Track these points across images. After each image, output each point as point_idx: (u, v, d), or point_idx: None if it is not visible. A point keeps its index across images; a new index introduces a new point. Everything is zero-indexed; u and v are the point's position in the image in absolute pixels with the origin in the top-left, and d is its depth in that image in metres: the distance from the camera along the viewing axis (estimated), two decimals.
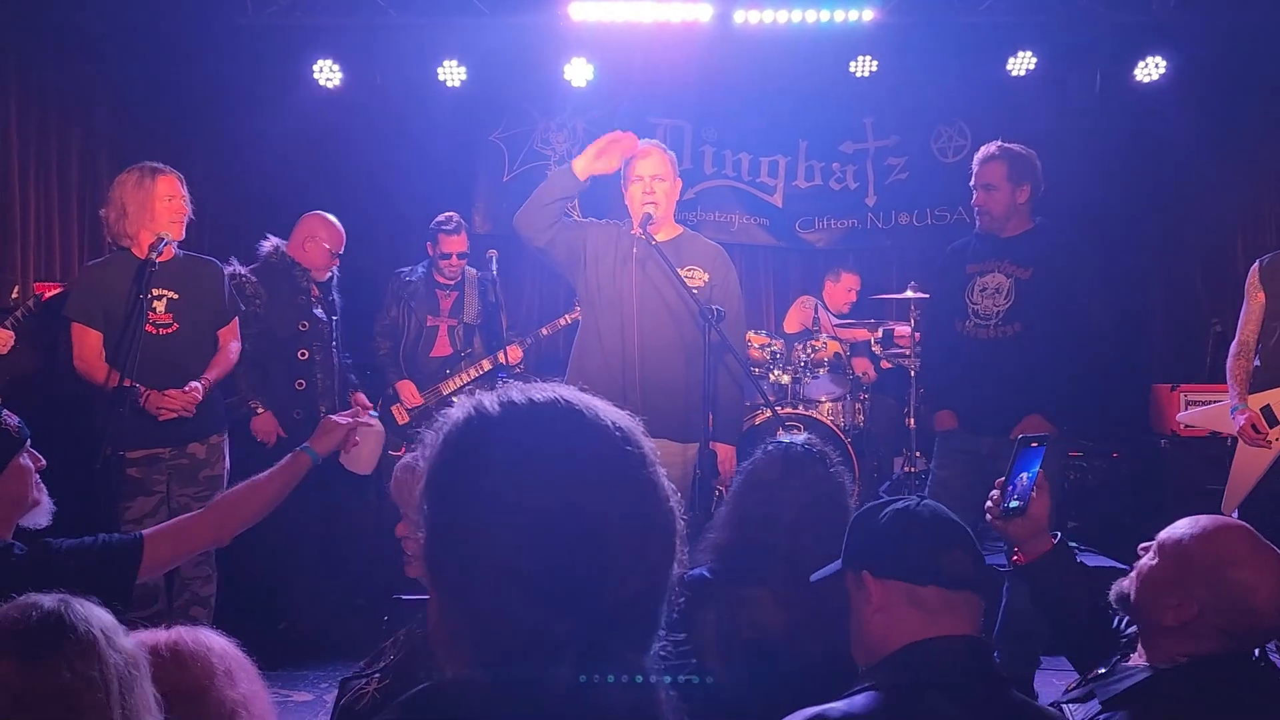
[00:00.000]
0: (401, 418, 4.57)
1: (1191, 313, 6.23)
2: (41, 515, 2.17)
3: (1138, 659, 1.76)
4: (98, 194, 4.81)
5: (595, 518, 0.81)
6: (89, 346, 3.55)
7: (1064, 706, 1.70)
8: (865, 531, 1.63)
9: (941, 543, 1.55)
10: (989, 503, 2.01)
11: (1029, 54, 5.97)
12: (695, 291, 3.44)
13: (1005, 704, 1.48)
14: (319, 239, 4.39)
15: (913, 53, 6.07)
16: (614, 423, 0.87)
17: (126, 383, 3.28)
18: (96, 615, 1.34)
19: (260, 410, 4.19)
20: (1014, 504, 1.96)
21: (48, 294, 3.91)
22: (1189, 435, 5.24)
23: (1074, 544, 5.10)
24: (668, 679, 0.86)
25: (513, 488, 0.81)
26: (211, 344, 3.75)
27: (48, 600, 1.34)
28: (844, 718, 1.41)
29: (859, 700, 1.45)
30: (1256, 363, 4.05)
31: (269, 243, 4.46)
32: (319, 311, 4.38)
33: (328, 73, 5.96)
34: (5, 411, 2.11)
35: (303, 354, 4.28)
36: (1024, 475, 1.96)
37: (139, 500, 3.53)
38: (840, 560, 1.67)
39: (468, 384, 4.63)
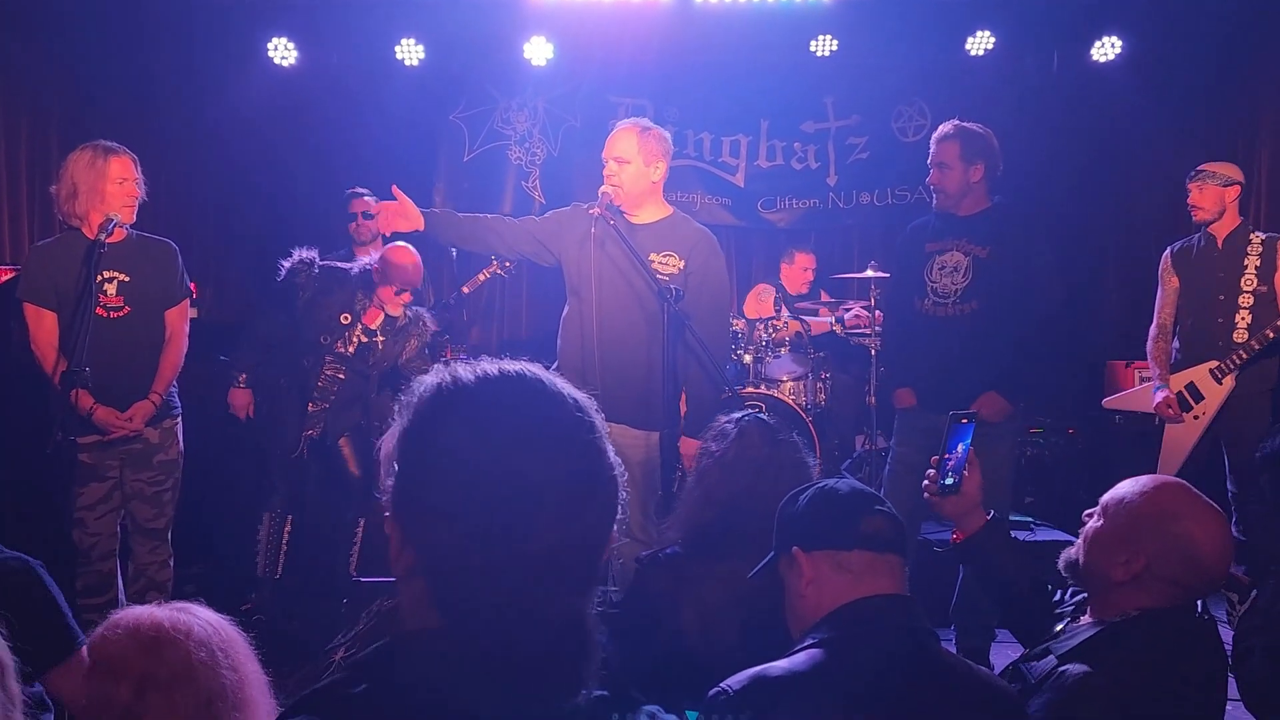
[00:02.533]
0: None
1: (1145, 290, 6.31)
2: None
3: (1087, 620, 1.82)
4: (48, 176, 4.72)
5: (541, 474, 0.89)
6: (44, 329, 3.48)
7: (1022, 666, 1.75)
8: (790, 515, 1.71)
9: (861, 509, 1.63)
10: (925, 481, 2.06)
11: (987, 33, 6.01)
12: (667, 278, 3.35)
13: (933, 657, 1.57)
14: (389, 276, 4.17)
15: (873, 32, 6.09)
16: (569, 394, 0.96)
17: (80, 370, 3.21)
18: None
19: (241, 383, 4.21)
20: (949, 481, 2.00)
21: (4, 277, 3.82)
22: (1142, 411, 5.33)
23: (1030, 519, 5.21)
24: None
25: (470, 443, 0.89)
26: (162, 327, 3.67)
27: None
28: (784, 674, 1.48)
29: (799, 658, 1.52)
30: (1175, 344, 4.31)
31: (366, 258, 4.35)
32: (363, 340, 4.23)
33: (283, 51, 5.88)
34: None
35: (329, 370, 4.18)
36: (959, 451, 2.00)
37: (91, 486, 3.48)
38: (773, 550, 1.73)
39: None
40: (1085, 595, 1.89)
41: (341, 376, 4.20)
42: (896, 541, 1.63)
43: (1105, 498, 1.83)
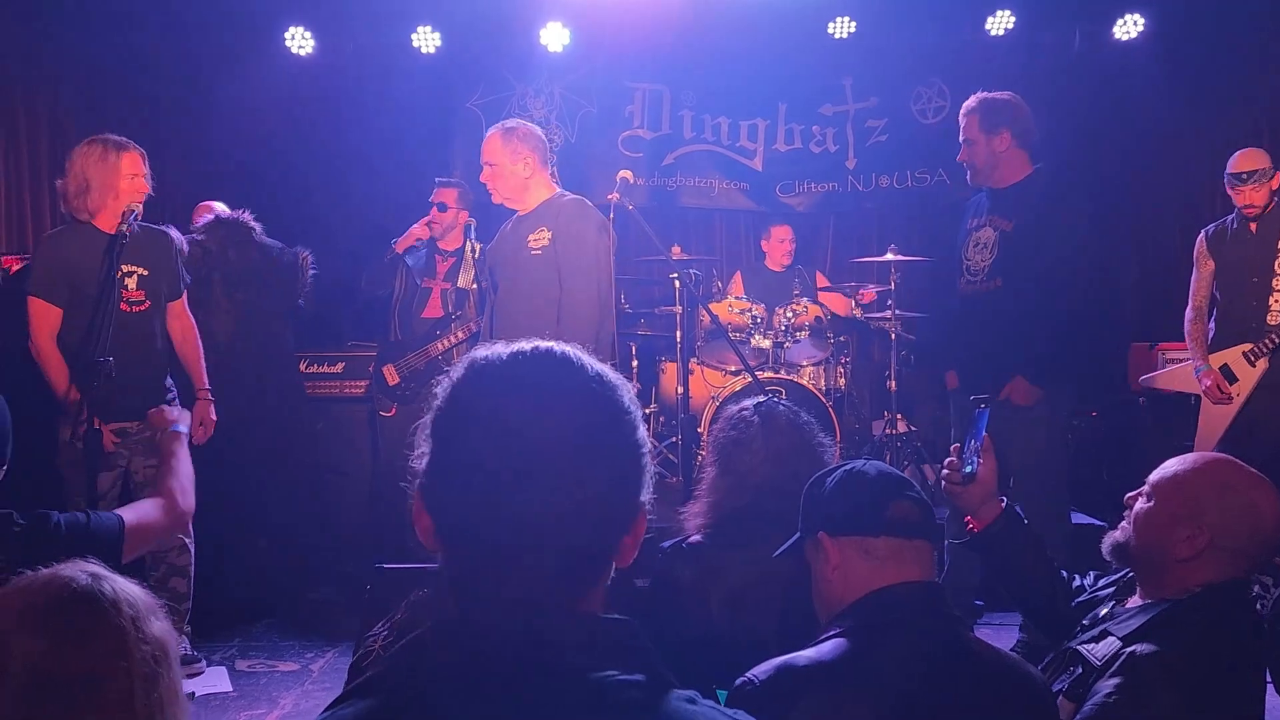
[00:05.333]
0: (392, 378, 4.57)
1: (1167, 272, 6.26)
2: None
3: (1137, 600, 1.81)
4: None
5: (554, 436, 0.90)
6: (48, 324, 3.48)
7: (1080, 649, 1.74)
8: (816, 498, 1.68)
9: (888, 495, 1.61)
10: (945, 470, 2.03)
11: (1007, 13, 5.94)
12: (539, 251, 3.51)
13: (961, 644, 1.55)
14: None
15: (891, 13, 6.03)
16: (594, 368, 0.96)
17: (103, 360, 3.23)
18: (128, 598, 1.28)
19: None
20: (969, 469, 1.97)
21: (15, 267, 3.85)
22: (1168, 392, 5.29)
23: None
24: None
25: (489, 405, 0.92)
26: (165, 319, 3.71)
27: (80, 576, 1.28)
28: (810, 664, 1.47)
29: (825, 647, 1.51)
30: (1211, 326, 4.26)
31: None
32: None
33: (300, 40, 5.88)
34: None
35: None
36: (976, 437, 1.98)
37: (104, 474, 3.51)
38: (798, 532, 1.71)
39: (455, 345, 4.63)
40: (1118, 578, 1.88)
41: None
42: (925, 527, 1.61)
43: (1153, 477, 1.82)
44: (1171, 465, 1.81)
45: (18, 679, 1.20)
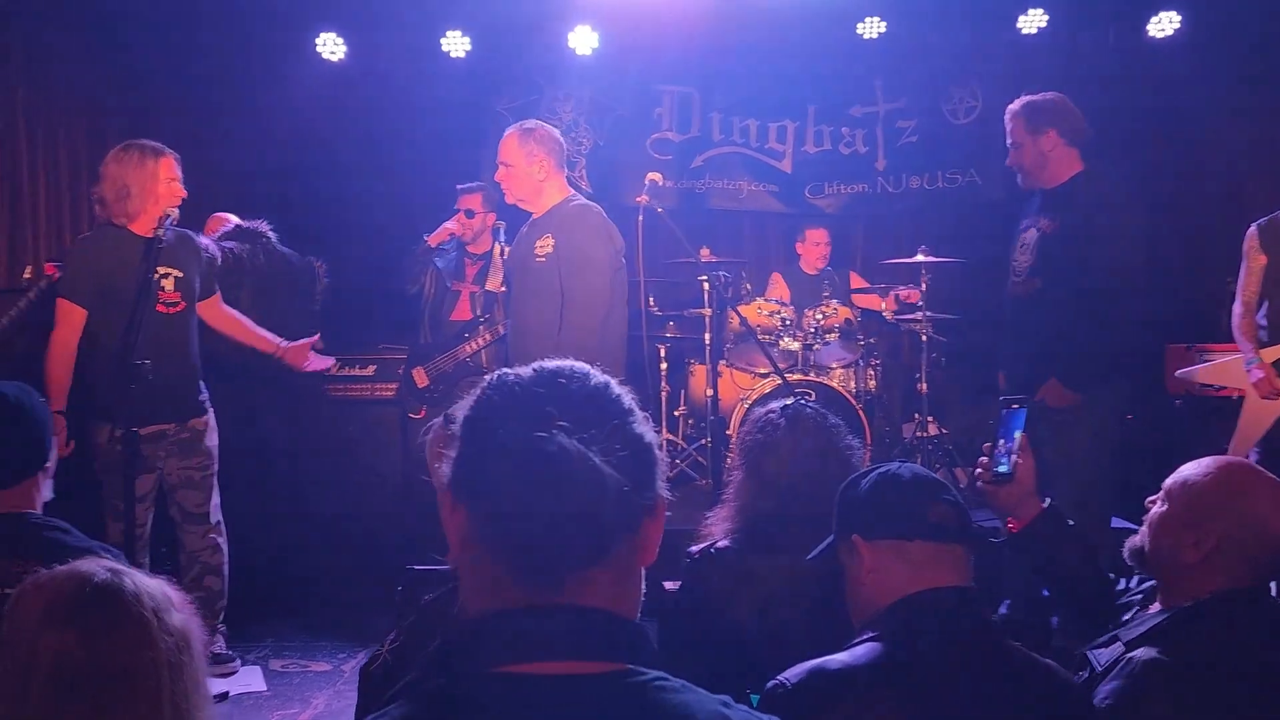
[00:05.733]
0: (421, 381, 4.61)
1: (1205, 272, 6.17)
2: (48, 489, 2.23)
3: (1156, 607, 1.79)
4: None
5: (565, 444, 0.93)
6: (71, 325, 3.52)
7: (1089, 654, 1.72)
8: (851, 500, 1.67)
9: (924, 498, 1.59)
10: (978, 469, 2.01)
11: (1040, 11, 5.88)
12: (544, 259, 3.48)
13: (997, 651, 1.53)
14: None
15: (921, 13, 6.00)
16: (605, 382, 1.02)
17: (141, 363, 3.28)
18: (148, 591, 1.29)
19: None
20: (1002, 468, 1.95)
21: (57, 274, 3.91)
22: (1204, 395, 5.21)
23: None
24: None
25: (504, 415, 0.97)
26: (197, 320, 3.76)
27: (100, 571, 1.29)
28: (843, 667, 1.47)
29: (859, 650, 1.50)
30: (1261, 321, 4.13)
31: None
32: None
33: (331, 46, 5.94)
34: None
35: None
36: (1008, 437, 1.96)
37: (143, 477, 3.56)
38: (833, 534, 1.70)
39: (483, 347, 4.66)
40: (1154, 583, 1.85)
41: None
42: (961, 532, 1.59)
43: (1168, 481, 1.80)
44: (1186, 469, 1.79)
45: (47, 674, 1.21)
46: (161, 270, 3.55)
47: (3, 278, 4.67)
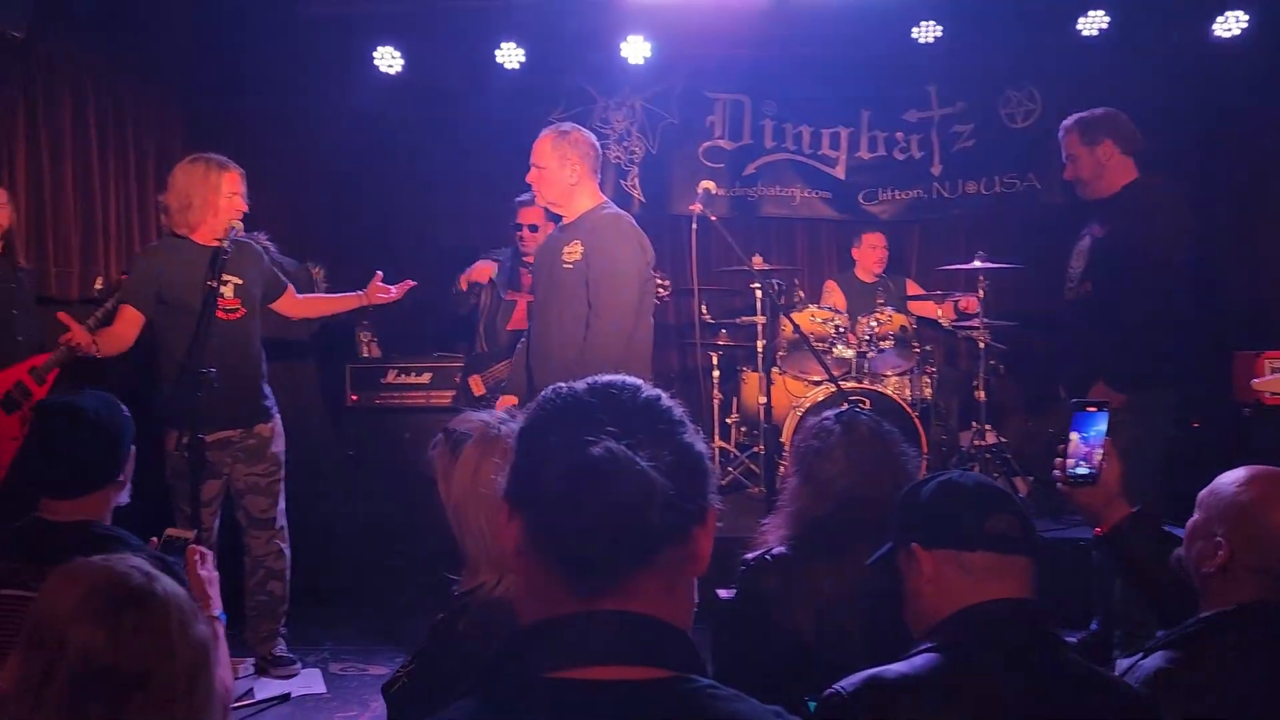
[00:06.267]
0: (478, 389, 4.66)
1: (1276, 278, 6.00)
2: (125, 495, 2.30)
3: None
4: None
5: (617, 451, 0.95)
6: (127, 325, 3.64)
7: (1118, 661, 1.71)
8: (911, 506, 1.65)
9: (986, 508, 1.56)
10: (1055, 471, 1.99)
11: (1100, 12, 5.77)
12: (572, 265, 3.45)
13: (1058, 664, 1.49)
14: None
15: (978, 15, 5.92)
16: (656, 393, 1.04)
17: (206, 370, 3.37)
18: (176, 599, 1.31)
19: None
20: (1081, 470, 1.93)
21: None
22: (1272, 403, 5.07)
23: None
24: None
25: (557, 426, 0.99)
26: (259, 326, 3.85)
27: (135, 573, 1.31)
28: (900, 678, 1.45)
29: (916, 661, 1.48)
30: None
31: None
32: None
33: (389, 59, 6.03)
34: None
35: None
36: (1085, 441, 1.93)
37: (209, 482, 3.64)
38: (890, 541, 1.68)
39: None
40: None
41: None
42: (1024, 542, 1.55)
43: (1203, 490, 1.79)
44: (1219, 478, 1.77)
45: (73, 667, 1.22)
46: (223, 277, 3.64)
47: (76, 289, 4.82)
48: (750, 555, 2.18)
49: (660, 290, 4.66)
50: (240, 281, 3.73)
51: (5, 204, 3.96)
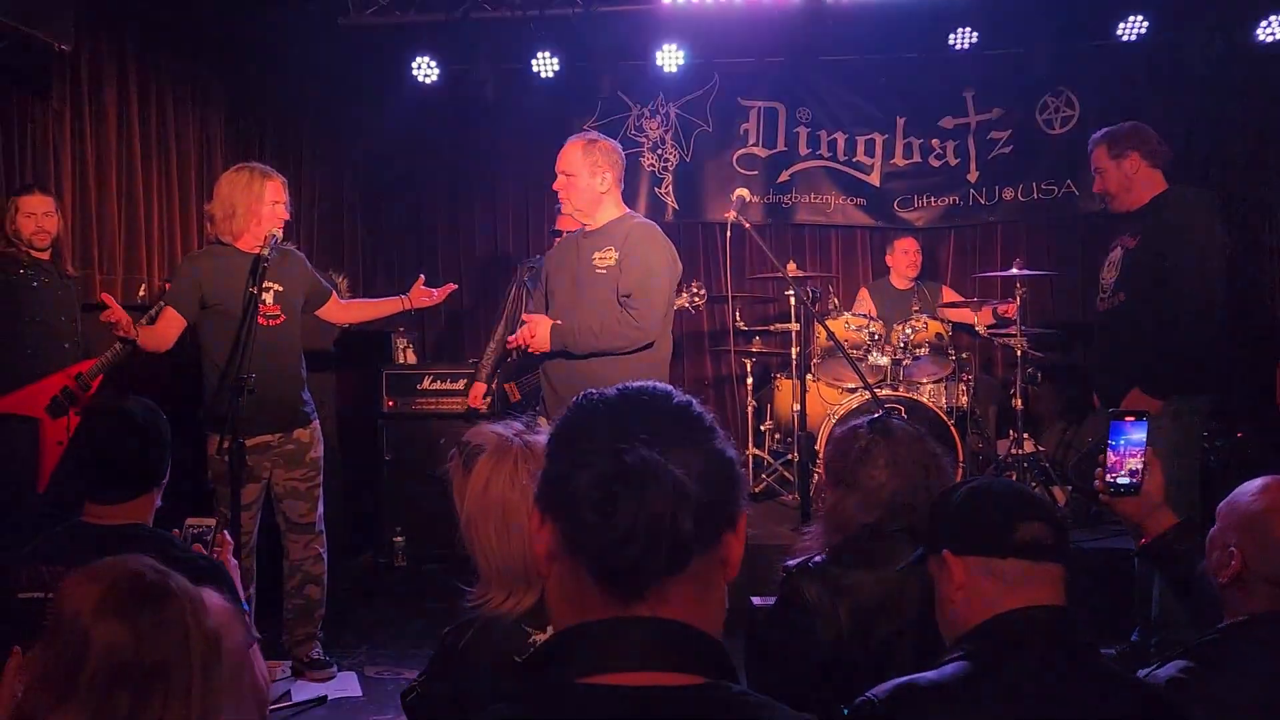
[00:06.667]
0: (514, 395, 4.68)
1: None
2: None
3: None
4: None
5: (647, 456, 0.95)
6: (170, 326, 3.71)
7: (1141, 673, 1.69)
8: (942, 513, 1.64)
9: (1018, 515, 1.54)
10: (1096, 481, 1.99)
11: (1139, 17, 5.71)
12: (605, 271, 3.46)
13: (1093, 672, 1.47)
14: None
15: (1014, 21, 5.88)
16: (687, 399, 1.04)
17: (246, 377, 3.42)
18: (188, 593, 1.36)
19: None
20: (1122, 480, 1.92)
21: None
22: None
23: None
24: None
25: (588, 425, 1.00)
26: (300, 332, 3.90)
27: (149, 570, 1.36)
28: (932, 685, 1.44)
29: (947, 669, 1.47)
30: None
31: None
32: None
33: (425, 69, 6.10)
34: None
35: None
36: (1123, 450, 1.92)
37: (249, 486, 3.69)
38: (922, 548, 1.68)
39: None
40: None
41: None
42: (1057, 550, 1.53)
43: (1223, 500, 1.79)
44: (1240, 488, 1.76)
45: (98, 663, 1.27)
46: (264, 284, 3.70)
47: (119, 294, 4.91)
48: (792, 562, 2.17)
49: (696, 299, 4.67)
50: (281, 288, 3.78)
51: (53, 211, 4.05)
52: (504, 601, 1.67)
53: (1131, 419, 1.94)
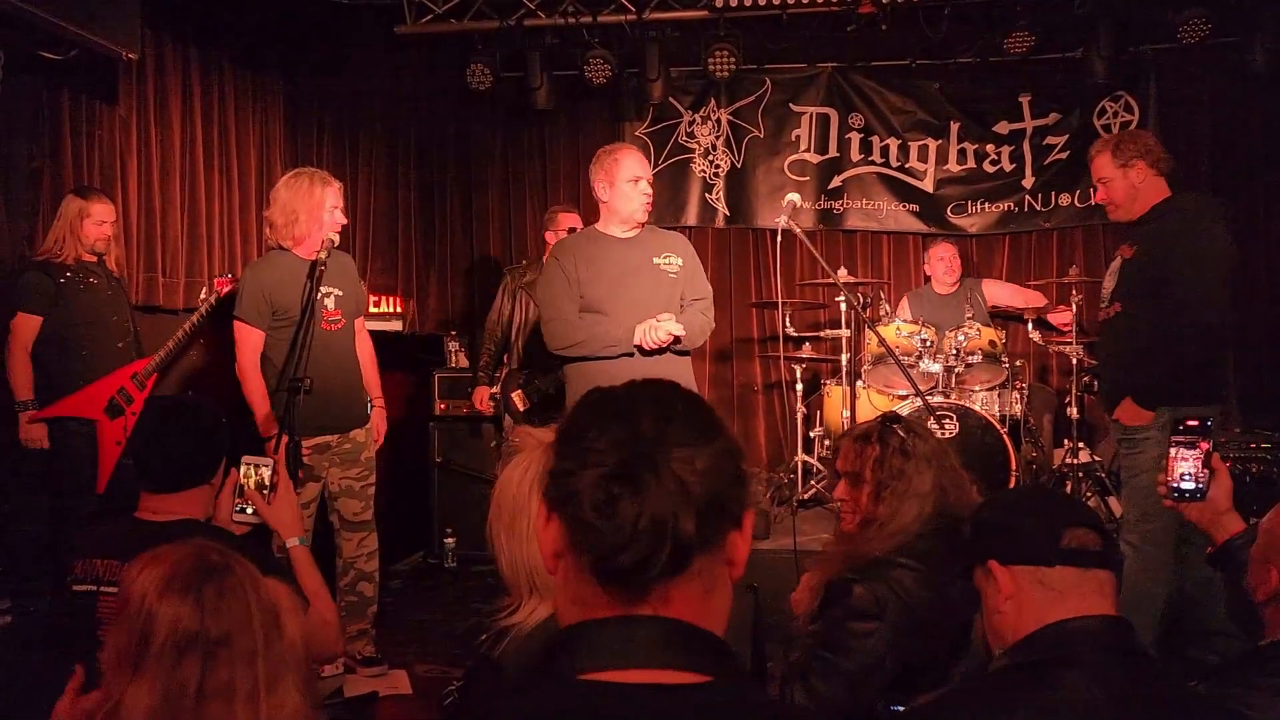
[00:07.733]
0: (522, 404, 4.69)
1: None
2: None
3: None
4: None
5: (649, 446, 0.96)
6: (250, 346, 3.72)
7: None
8: (985, 523, 1.62)
9: (1063, 522, 1.52)
10: (1160, 487, 1.99)
11: (1201, 19, 5.58)
12: (675, 274, 3.61)
13: (1144, 681, 1.43)
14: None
15: (1072, 24, 5.79)
16: (693, 394, 1.05)
17: (303, 379, 3.47)
18: (248, 570, 1.47)
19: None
20: (1186, 486, 1.92)
21: (225, 288, 4.14)
22: None
23: None
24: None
25: (592, 416, 1.00)
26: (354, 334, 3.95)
27: (211, 552, 1.46)
28: (980, 694, 1.44)
29: (997, 679, 1.46)
30: None
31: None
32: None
33: (479, 76, 6.17)
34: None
35: None
36: (1186, 457, 1.92)
37: (309, 485, 3.75)
38: (966, 559, 1.65)
39: None
40: None
41: None
42: (1105, 556, 1.50)
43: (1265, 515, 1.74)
44: None
45: (165, 638, 1.37)
46: (324, 289, 3.75)
47: (181, 299, 5.03)
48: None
49: None
50: (340, 293, 3.84)
51: (111, 217, 4.14)
52: (531, 614, 1.65)
53: (1194, 423, 1.93)
